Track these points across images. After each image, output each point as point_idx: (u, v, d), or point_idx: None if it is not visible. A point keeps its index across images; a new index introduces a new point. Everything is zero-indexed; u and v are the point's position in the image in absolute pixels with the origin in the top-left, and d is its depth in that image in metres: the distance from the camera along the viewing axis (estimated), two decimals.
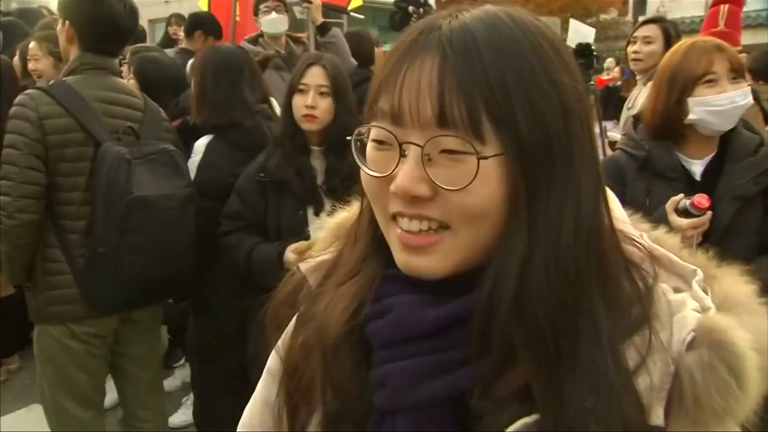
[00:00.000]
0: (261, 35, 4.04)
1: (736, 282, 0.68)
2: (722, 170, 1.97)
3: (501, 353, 0.60)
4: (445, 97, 0.58)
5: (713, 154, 2.01)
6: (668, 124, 1.99)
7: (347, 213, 0.81)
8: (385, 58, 0.66)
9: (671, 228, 1.81)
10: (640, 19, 4.84)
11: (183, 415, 3.45)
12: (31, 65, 3.50)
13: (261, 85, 2.72)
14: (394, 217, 0.63)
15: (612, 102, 7.78)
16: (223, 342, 2.60)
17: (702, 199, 1.81)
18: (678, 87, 1.97)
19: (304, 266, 0.79)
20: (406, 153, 0.60)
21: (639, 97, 3.23)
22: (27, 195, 2.10)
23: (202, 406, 2.87)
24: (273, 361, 0.81)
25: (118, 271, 2.17)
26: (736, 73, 1.95)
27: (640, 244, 0.68)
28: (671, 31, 3.28)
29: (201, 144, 2.55)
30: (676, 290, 0.65)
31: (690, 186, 1.97)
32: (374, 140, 0.64)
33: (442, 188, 0.59)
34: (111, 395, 3.70)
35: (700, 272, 0.66)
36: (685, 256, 0.69)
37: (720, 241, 1.87)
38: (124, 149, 2.18)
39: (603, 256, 0.62)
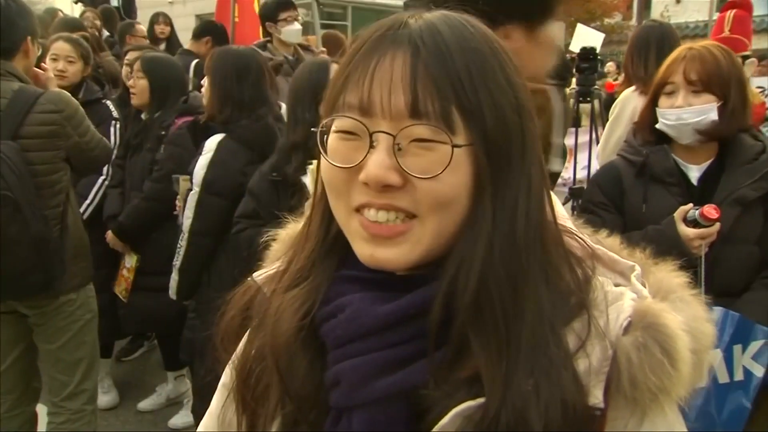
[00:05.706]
0: (269, 41, 4.12)
1: (669, 274, 0.72)
2: (720, 176, 1.94)
3: (457, 342, 0.62)
4: (418, 90, 0.60)
5: (712, 159, 1.97)
6: (649, 130, 2.00)
7: (299, 225, 0.80)
8: (348, 53, 0.66)
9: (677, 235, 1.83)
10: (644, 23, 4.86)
11: (184, 417, 3.44)
12: (60, 65, 3.33)
13: (275, 86, 2.79)
14: (359, 210, 0.64)
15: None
16: None
17: (711, 210, 1.79)
18: (651, 94, 1.99)
19: (258, 276, 0.79)
20: (375, 143, 0.61)
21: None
22: None
23: (204, 405, 2.85)
24: (227, 376, 0.81)
25: None
26: (697, 85, 1.87)
27: (581, 239, 0.71)
28: (641, 35, 3.21)
29: (212, 142, 2.55)
30: (617, 286, 0.68)
31: (688, 191, 1.95)
32: (340, 131, 0.64)
33: (414, 176, 0.61)
34: (111, 396, 3.70)
35: (638, 268, 0.70)
36: (624, 254, 0.73)
37: (721, 248, 1.86)
38: None
39: (547, 246, 0.65)
